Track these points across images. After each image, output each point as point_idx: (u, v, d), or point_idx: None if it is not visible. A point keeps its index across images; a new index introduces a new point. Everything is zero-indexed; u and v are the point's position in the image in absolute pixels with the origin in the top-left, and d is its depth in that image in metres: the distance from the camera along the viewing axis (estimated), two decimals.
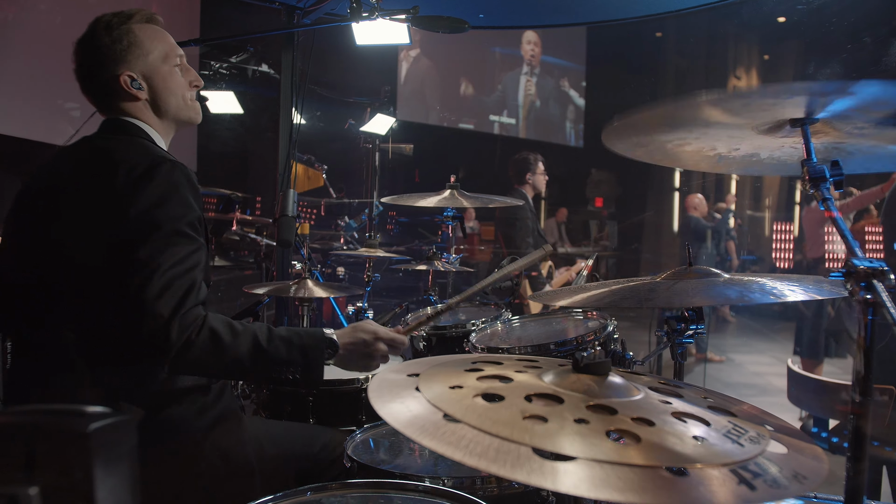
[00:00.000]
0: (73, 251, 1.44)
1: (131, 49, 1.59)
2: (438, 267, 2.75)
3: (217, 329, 1.40)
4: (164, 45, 1.65)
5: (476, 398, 0.87)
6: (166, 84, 1.64)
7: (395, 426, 0.80)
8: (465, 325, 2.33)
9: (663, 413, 0.87)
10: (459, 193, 2.86)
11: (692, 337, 1.63)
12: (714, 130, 1.39)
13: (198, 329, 1.38)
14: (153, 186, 1.44)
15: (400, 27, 2.93)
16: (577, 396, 0.88)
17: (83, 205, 1.47)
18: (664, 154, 1.58)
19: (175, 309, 1.36)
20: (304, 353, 1.49)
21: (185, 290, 1.39)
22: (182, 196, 1.47)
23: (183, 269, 1.41)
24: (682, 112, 1.27)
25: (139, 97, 1.61)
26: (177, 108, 1.67)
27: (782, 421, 0.99)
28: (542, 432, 0.77)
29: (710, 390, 1.12)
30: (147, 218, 1.42)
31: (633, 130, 1.42)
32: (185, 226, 1.45)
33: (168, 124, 1.69)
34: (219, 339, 1.40)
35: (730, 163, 1.66)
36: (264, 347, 1.44)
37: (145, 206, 1.42)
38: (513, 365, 1.05)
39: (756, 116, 1.28)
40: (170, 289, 1.37)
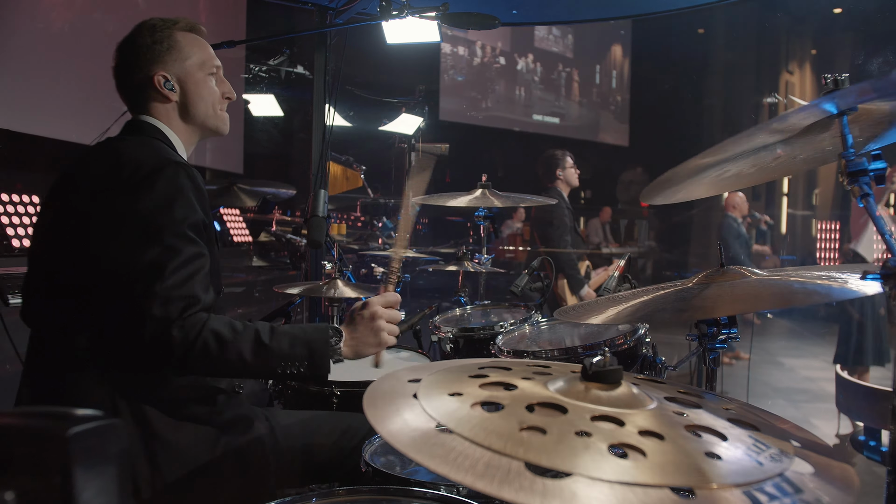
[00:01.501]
0: (82, 251, 1.46)
1: (170, 52, 1.62)
2: (468, 268, 2.71)
3: (218, 329, 1.39)
4: (203, 53, 1.68)
5: (474, 407, 0.83)
6: (198, 90, 1.66)
7: (382, 434, 0.76)
8: (494, 326, 2.28)
9: (676, 426, 0.81)
10: (491, 193, 2.81)
11: (725, 342, 1.54)
12: (750, 152, 1.33)
13: (198, 332, 1.37)
14: (157, 189, 1.44)
15: (430, 25, 2.90)
16: (583, 406, 0.83)
17: (91, 204, 1.48)
18: (708, 187, 1.52)
19: (177, 314, 1.36)
20: (308, 345, 1.47)
21: (187, 296, 1.38)
22: (186, 199, 1.46)
23: (185, 273, 1.40)
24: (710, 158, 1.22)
25: (170, 98, 1.63)
26: (205, 115, 1.68)
27: (811, 435, 0.91)
28: (538, 445, 0.72)
29: (735, 400, 1.04)
30: (150, 221, 1.42)
31: (668, 183, 1.39)
32: (188, 229, 1.44)
33: (193, 130, 1.70)
34: (221, 338, 1.38)
35: (771, 170, 1.57)
36: (266, 343, 1.43)
37: (149, 208, 1.42)
38: (522, 371, 0.99)
39: (790, 128, 1.20)
40: (172, 294, 1.37)
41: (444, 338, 2.31)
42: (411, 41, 3.01)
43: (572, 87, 13.21)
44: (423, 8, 2.74)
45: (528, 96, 12.46)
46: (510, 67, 12.22)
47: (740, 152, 1.26)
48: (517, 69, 12.39)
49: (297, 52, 5.03)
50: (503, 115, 12.06)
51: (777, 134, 1.20)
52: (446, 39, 11.09)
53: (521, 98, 12.35)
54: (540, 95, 12.64)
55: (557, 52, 13.00)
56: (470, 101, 11.63)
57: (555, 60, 12.99)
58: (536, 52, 12.67)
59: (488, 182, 2.83)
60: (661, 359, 1.84)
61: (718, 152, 1.24)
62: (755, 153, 1.34)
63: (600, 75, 13.66)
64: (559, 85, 12.96)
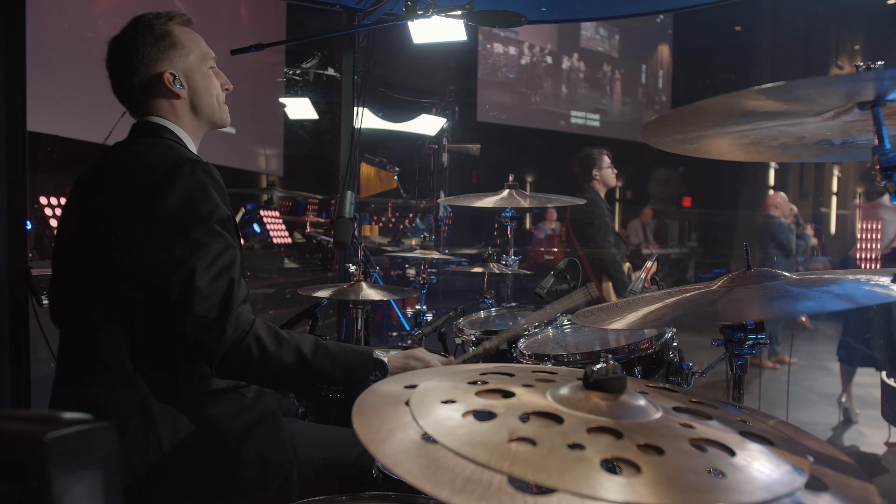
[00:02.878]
0: (106, 255, 1.46)
1: (174, 48, 1.61)
2: (493, 269, 2.66)
3: (262, 336, 1.38)
4: (202, 47, 1.67)
5: (466, 416, 0.79)
6: (205, 84, 1.66)
7: (364, 442, 0.73)
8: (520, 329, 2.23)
9: (680, 439, 0.75)
10: (518, 193, 2.76)
11: (753, 348, 1.46)
12: (770, 122, 1.24)
13: (243, 335, 1.36)
14: (178, 187, 1.44)
15: (456, 24, 2.87)
16: (580, 417, 0.78)
17: (112, 209, 1.48)
18: (722, 147, 1.44)
19: (222, 309, 1.35)
20: (347, 371, 1.46)
21: (227, 289, 1.38)
22: (208, 194, 1.46)
23: (221, 266, 1.40)
24: (722, 106, 1.14)
25: (179, 95, 1.62)
26: (211, 108, 1.68)
27: (833, 450, 0.84)
28: (525, 458, 0.68)
29: (755, 410, 0.98)
30: (175, 220, 1.41)
31: (677, 127, 1.29)
32: (215, 223, 1.44)
33: (200, 125, 1.70)
34: (264, 346, 1.38)
35: (799, 151, 1.49)
36: (308, 360, 1.42)
37: (173, 206, 1.42)
38: (525, 378, 0.95)
39: (816, 104, 1.12)
40: (212, 288, 1.36)
41: (467, 341, 2.27)
42: (438, 41, 2.98)
43: (615, 86, 13.01)
44: (449, 7, 2.70)
45: (570, 95, 12.31)
46: (555, 67, 12.10)
47: (751, 119, 1.18)
48: (562, 68, 12.26)
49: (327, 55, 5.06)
50: (543, 115, 11.94)
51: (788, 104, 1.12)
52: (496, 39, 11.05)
53: (564, 97, 12.21)
54: (584, 93, 12.49)
55: (603, 51, 12.83)
56: (509, 100, 11.55)
57: (600, 60, 12.82)
58: (582, 51, 12.52)
59: (515, 182, 2.79)
60: (688, 364, 1.76)
61: (739, 102, 1.14)
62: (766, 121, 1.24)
63: (646, 75, 13.43)
64: (603, 84, 12.78)
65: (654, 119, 1.22)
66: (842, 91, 1.04)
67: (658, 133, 1.30)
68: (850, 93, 1.06)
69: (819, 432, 4.36)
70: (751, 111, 1.16)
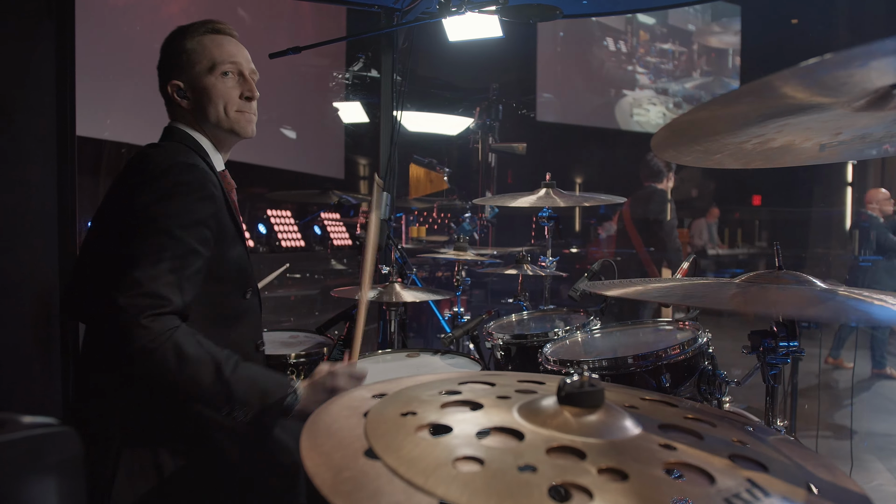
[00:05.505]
0: (98, 247, 1.52)
1: (180, 60, 1.63)
2: (527, 271, 2.58)
3: (182, 344, 1.32)
4: (217, 54, 1.63)
5: (421, 430, 0.73)
6: (208, 94, 1.63)
7: (303, 456, 0.68)
8: (548, 333, 2.15)
9: (653, 463, 0.67)
10: (555, 192, 2.67)
11: (787, 356, 1.35)
12: (796, 119, 1.12)
13: (162, 340, 1.31)
14: (162, 183, 1.43)
15: (491, 20, 2.80)
16: (544, 434, 0.71)
17: (115, 205, 1.53)
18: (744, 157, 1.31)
19: (142, 310, 1.30)
20: (262, 397, 1.39)
21: (159, 294, 1.33)
22: (188, 196, 1.44)
23: (162, 269, 1.35)
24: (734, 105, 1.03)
25: (184, 106, 1.64)
26: (217, 118, 1.64)
27: (845, 479, 0.74)
28: (465, 481, 0.62)
29: (768, 430, 0.88)
30: (145, 210, 1.41)
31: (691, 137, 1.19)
32: (181, 225, 1.41)
33: (216, 134, 1.68)
34: (182, 354, 1.32)
35: (838, 149, 1.35)
36: (226, 377, 1.35)
37: (144, 202, 1.41)
38: (505, 388, 0.89)
39: (842, 92, 1.01)
40: (142, 289, 1.32)
41: (495, 345, 2.21)
42: (473, 37, 2.93)
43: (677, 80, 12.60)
44: (482, 2, 2.64)
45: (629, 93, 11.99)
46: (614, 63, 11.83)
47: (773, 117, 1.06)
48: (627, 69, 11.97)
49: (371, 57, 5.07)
50: (600, 113, 11.68)
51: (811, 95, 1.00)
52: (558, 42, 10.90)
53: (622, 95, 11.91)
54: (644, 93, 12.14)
55: (669, 48, 12.46)
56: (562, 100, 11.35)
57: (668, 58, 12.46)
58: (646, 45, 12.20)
59: (552, 181, 2.69)
60: (723, 373, 1.64)
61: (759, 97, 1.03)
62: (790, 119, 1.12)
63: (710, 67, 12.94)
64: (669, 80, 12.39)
65: (661, 132, 1.11)
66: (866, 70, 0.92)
67: (671, 146, 1.20)
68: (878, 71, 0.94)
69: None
70: (769, 110, 1.05)
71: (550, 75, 11.13)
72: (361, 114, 5.78)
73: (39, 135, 2.69)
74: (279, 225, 6.84)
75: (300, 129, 7.55)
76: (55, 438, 0.84)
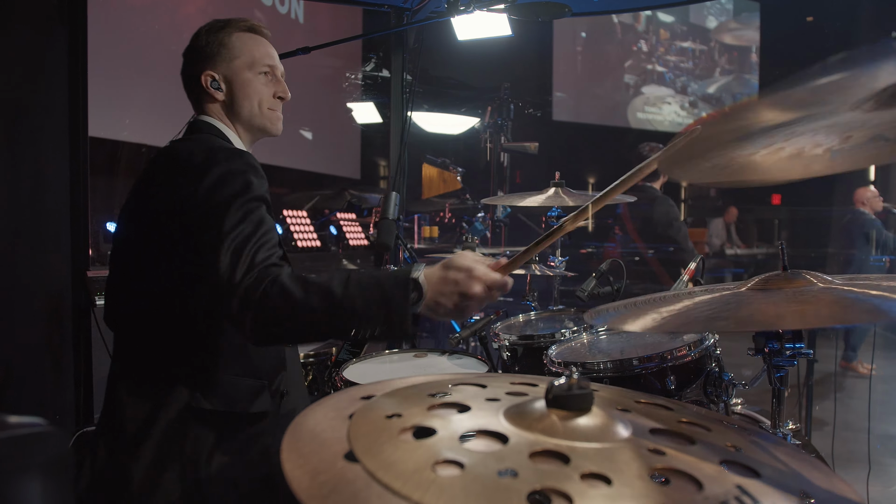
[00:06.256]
0: (152, 250, 1.49)
1: (220, 51, 1.64)
2: (535, 271, 2.56)
3: (286, 284, 1.28)
4: (256, 52, 1.66)
5: (404, 433, 0.72)
6: (244, 90, 1.65)
7: (282, 458, 0.67)
8: (555, 334, 2.12)
9: (639, 468, 0.65)
10: (564, 191, 2.65)
11: (793, 359, 1.32)
12: (803, 126, 1.09)
13: (269, 283, 1.28)
14: (214, 171, 1.43)
15: (500, 18, 2.79)
16: (528, 438, 0.70)
17: (156, 203, 1.50)
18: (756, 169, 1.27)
19: (247, 270, 1.30)
20: (385, 304, 1.28)
21: (255, 250, 1.33)
22: (243, 175, 1.44)
23: (249, 231, 1.35)
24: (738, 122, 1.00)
25: (216, 98, 1.64)
26: (250, 113, 1.66)
27: (844, 486, 0.72)
28: (442, 486, 0.60)
29: (766, 435, 0.86)
30: (210, 199, 1.40)
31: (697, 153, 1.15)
32: (249, 200, 1.41)
33: (244, 129, 1.70)
34: (289, 294, 1.27)
35: (852, 154, 1.30)
36: (338, 297, 1.27)
37: (207, 188, 1.41)
38: (495, 390, 0.87)
39: (847, 95, 0.97)
40: (241, 252, 1.32)
41: (502, 345, 2.19)
42: (482, 36, 2.91)
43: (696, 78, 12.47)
44: (491, 1, 2.63)
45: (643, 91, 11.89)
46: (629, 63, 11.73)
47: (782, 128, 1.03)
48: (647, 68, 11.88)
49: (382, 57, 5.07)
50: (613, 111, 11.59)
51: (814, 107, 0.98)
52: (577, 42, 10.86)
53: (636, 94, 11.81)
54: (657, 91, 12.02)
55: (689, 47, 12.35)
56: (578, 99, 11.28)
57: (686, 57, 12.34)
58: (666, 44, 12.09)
59: (562, 181, 2.67)
60: (729, 375, 1.61)
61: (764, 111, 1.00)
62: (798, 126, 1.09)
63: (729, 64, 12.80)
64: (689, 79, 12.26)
65: (666, 152, 1.08)
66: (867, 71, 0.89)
67: (679, 166, 1.16)
68: None
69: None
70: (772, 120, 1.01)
71: (568, 74, 11.07)
72: (375, 114, 5.79)
73: (52, 136, 2.72)
74: (295, 225, 6.87)
75: (316, 129, 7.58)
76: (41, 438, 0.83)
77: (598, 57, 11.40)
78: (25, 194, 2.66)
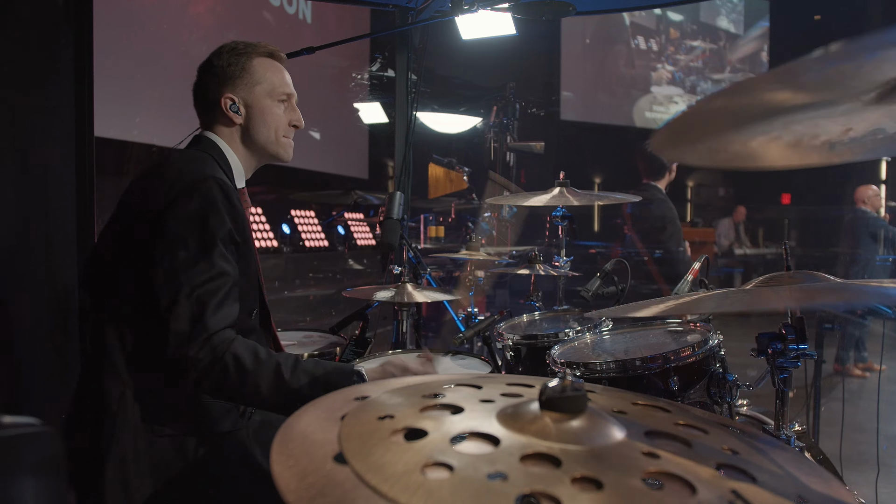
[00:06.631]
0: (124, 260, 1.50)
1: (242, 76, 1.65)
2: (539, 271, 2.55)
3: (241, 355, 1.37)
4: (275, 80, 1.69)
5: (395, 435, 0.71)
6: (263, 115, 1.68)
7: (272, 460, 0.67)
8: (559, 334, 2.11)
9: (632, 471, 0.65)
10: (569, 191, 2.63)
11: (797, 359, 1.30)
12: (803, 114, 1.07)
13: (220, 354, 1.36)
14: (193, 202, 1.45)
15: (504, 17, 2.78)
16: (520, 440, 0.69)
17: (138, 211, 1.53)
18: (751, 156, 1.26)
19: (199, 328, 1.36)
20: (327, 389, 1.40)
21: (211, 310, 1.38)
22: (219, 213, 1.46)
23: (209, 288, 1.40)
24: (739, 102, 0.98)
25: (234, 121, 1.66)
26: (266, 140, 1.69)
27: (841, 490, 0.70)
28: (430, 489, 0.59)
29: (764, 438, 0.85)
30: (183, 232, 1.43)
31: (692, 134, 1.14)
32: (218, 243, 1.44)
33: (254, 154, 1.72)
34: (241, 365, 1.36)
35: (850, 148, 1.28)
36: (286, 379, 1.39)
37: (183, 220, 1.44)
38: (490, 391, 0.86)
39: (849, 85, 0.96)
40: (196, 308, 1.37)
41: (505, 346, 2.18)
42: (486, 35, 2.91)
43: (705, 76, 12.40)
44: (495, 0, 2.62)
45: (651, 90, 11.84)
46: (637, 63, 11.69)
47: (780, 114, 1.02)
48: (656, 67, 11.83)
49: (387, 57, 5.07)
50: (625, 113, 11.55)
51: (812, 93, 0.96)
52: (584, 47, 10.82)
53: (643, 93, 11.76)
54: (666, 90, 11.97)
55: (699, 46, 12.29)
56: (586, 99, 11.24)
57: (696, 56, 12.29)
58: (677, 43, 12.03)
59: (566, 180, 2.65)
60: (733, 376, 1.60)
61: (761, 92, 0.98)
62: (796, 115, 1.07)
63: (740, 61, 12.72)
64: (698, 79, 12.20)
65: (661, 130, 1.07)
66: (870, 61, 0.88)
67: (673, 145, 1.15)
68: None
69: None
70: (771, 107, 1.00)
71: (576, 73, 11.04)
72: (381, 114, 5.79)
73: (58, 136, 2.73)
74: (303, 225, 6.89)
75: (324, 130, 7.60)
76: (34, 438, 0.83)
77: (607, 56, 11.37)
78: (32, 195, 2.67)
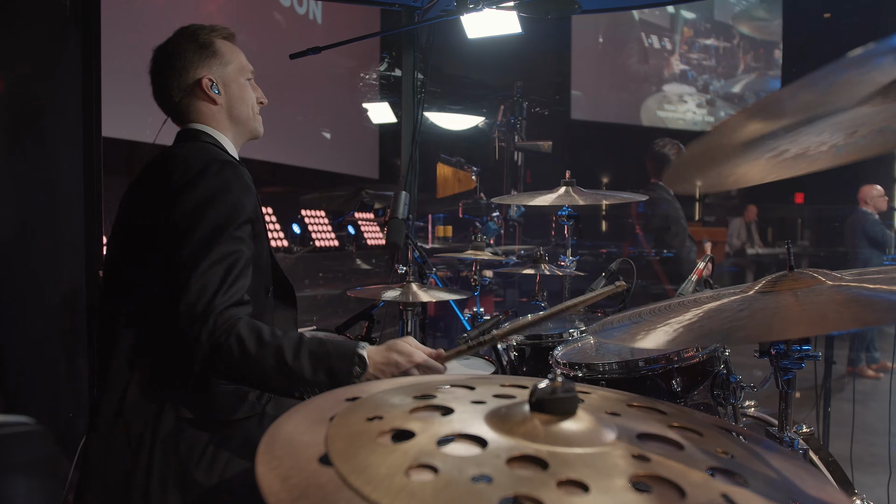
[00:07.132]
0: (137, 253, 1.53)
1: (215, 57, 1.69)
2: (545, 271, 2.53)
3: (244, 337, 1.37)
4: (241, 59, 1.74)
5: (382, 436, 0.71)
6: (241, 94, 1.72)
7: (256, 461, 0.66)
8: (563, 335, 2.10)
9: (620, 475, 0.63)
10: (575, 190, 2.62)
11: (801, 361, 1.28)
12: (809, 126, 1.06)
13: (225, 335, 1.36)
14: (202, 186, 1.48)
15: (509, 16, 2.76)
16: (508, 442, 0.68)
17: (147, 206, 1.55)
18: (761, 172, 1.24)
19: (207, 307, 1.37)
20: (330, 373, 1.41)
21: (217, 287, 1.39)
22: (230, 195, 1.49)
23: (221, 269, 1.41)
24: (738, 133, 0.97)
25: (217, 101, 1.68)
26: (246, 117, 1.74)
27: (835, 494, 0.69)
28: (411, 493, 0.59)
29: (754, 438, 0.83)
30: (192, 217, 1.45)
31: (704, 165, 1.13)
32: (229, 225, 1.46)
33: (238, 132, 1.75)
34: (245, 347, 1.37)
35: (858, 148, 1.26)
36: (289, 364, 1.39)
37: (193, 203, 1.46)
38: (483, 392, 0.86)
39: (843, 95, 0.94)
40: (205, 290, 1.38)
41: (509, 346, 2.17)
42: (491, 34, 2.89)
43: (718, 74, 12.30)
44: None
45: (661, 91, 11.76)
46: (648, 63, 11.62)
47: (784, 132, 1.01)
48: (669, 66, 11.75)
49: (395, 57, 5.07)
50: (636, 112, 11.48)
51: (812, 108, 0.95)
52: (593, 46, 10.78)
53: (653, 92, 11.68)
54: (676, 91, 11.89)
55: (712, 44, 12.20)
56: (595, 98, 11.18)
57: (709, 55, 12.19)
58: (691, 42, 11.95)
59: (572, 179, 2.64)
60: (737, 377, 1.58)
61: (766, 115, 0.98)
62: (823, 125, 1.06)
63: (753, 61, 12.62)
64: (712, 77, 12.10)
65: (671, 169, 1.07)
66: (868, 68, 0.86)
67: (685, 178, 1.15)
68: None
69: None
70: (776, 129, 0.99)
71: (587, 72, 10.98)
72: (389, 114, 5.79)
73: (66, 136, 2.75)
74: (313, 225, 6.91)
75: (335, 130, 7.61)
76: (26, 438, 0.83)
77: (618, 54, 11.30)
78: (40, 195, 2.69)
